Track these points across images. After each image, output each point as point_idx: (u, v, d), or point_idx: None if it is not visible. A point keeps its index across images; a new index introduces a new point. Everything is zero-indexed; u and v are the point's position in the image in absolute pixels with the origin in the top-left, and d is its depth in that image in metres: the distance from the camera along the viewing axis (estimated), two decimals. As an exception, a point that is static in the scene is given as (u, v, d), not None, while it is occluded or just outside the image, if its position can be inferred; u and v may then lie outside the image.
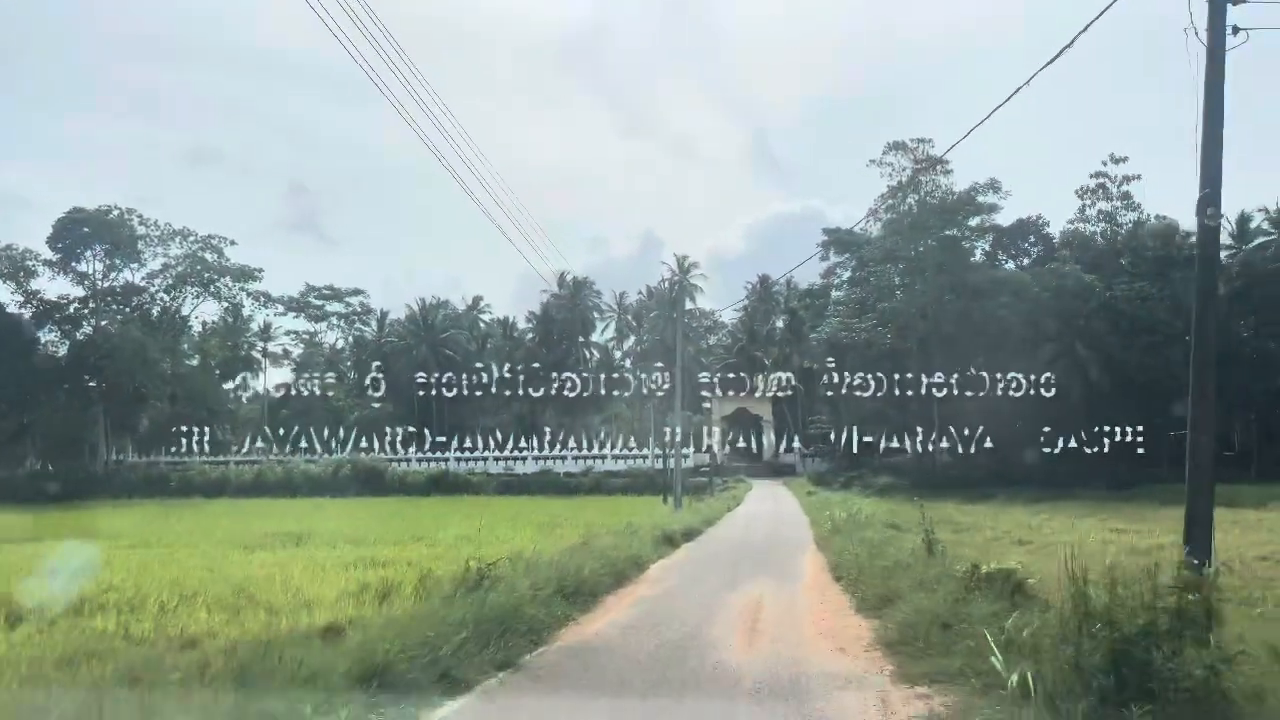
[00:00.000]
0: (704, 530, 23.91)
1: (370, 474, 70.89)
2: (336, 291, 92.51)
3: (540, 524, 32.70)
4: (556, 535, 27.20)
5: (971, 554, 22.10)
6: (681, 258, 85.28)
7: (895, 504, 42.27)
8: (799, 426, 75.53)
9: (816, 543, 20.01)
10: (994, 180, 64.61)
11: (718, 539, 22.16)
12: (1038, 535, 30.87)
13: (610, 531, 25.46)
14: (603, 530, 22.85)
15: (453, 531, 30.18)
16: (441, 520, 37.53)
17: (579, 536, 18.64)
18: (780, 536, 22.71)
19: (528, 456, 78.83)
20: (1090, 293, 59.28)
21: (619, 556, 14.90)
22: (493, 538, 26.38)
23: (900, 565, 12.32)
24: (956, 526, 31.62)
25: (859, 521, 19.87)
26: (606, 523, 32.14)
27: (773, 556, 17.90)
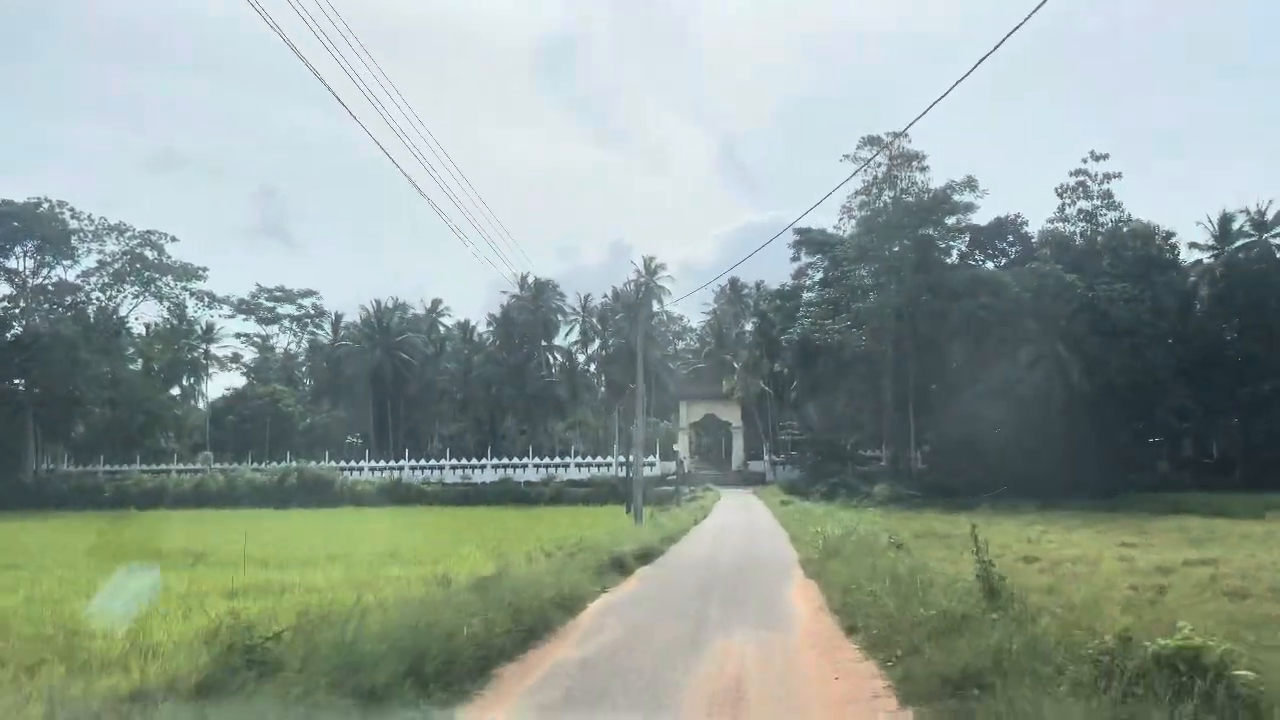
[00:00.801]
0: (665, 550, 19.59)
1: (318, 483, 65.94)
2: (288, 293, 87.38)
3: (485, 538, 28.80)
4: (494, 552, 23.46)
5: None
6: (649, 259, 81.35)
7: (877, 516, 38.23)
8: (769, 433, 71.39)
9: (803, 566, 15.78)
10: (970, 178, 61.16)
11: (680, 561, 17.77)
12: (1041, 550, 26.99)
13: (552, 551, 21.22)
14: (540, 551, 18.53)
15: (380, 547, 26.16)
16: (376, 534, 33.29)
17: (502, 561, 14.20)
18: (757, 557, 18.51)
19: (486, 465, 74.13)
20: (1071, 293, 55.76)
21: (541, 595, 10.48)
22: (420, 555, 21.91)
23: (951, 617, 8.01)
24: (947, 541, 27.71)
25: (862, 541, 15.53)
26: (558, 537, 28.44)
27: (751, 588, 13.58)
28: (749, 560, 18.21)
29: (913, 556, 15.63)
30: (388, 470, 73.72)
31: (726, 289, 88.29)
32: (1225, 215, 61.58)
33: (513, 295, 77.72)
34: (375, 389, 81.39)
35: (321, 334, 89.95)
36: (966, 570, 21.44)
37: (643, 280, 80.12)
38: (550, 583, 11.60)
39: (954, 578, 10.61)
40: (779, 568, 16.46)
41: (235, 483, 66.59)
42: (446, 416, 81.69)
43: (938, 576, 11.15)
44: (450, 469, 74.44)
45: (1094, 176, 61.55)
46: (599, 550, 15.91)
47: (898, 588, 10.02)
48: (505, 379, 75.53)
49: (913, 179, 60.66)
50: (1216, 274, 59.70)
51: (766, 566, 16.76)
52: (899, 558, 13.56)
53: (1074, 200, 62.02)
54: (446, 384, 78.22)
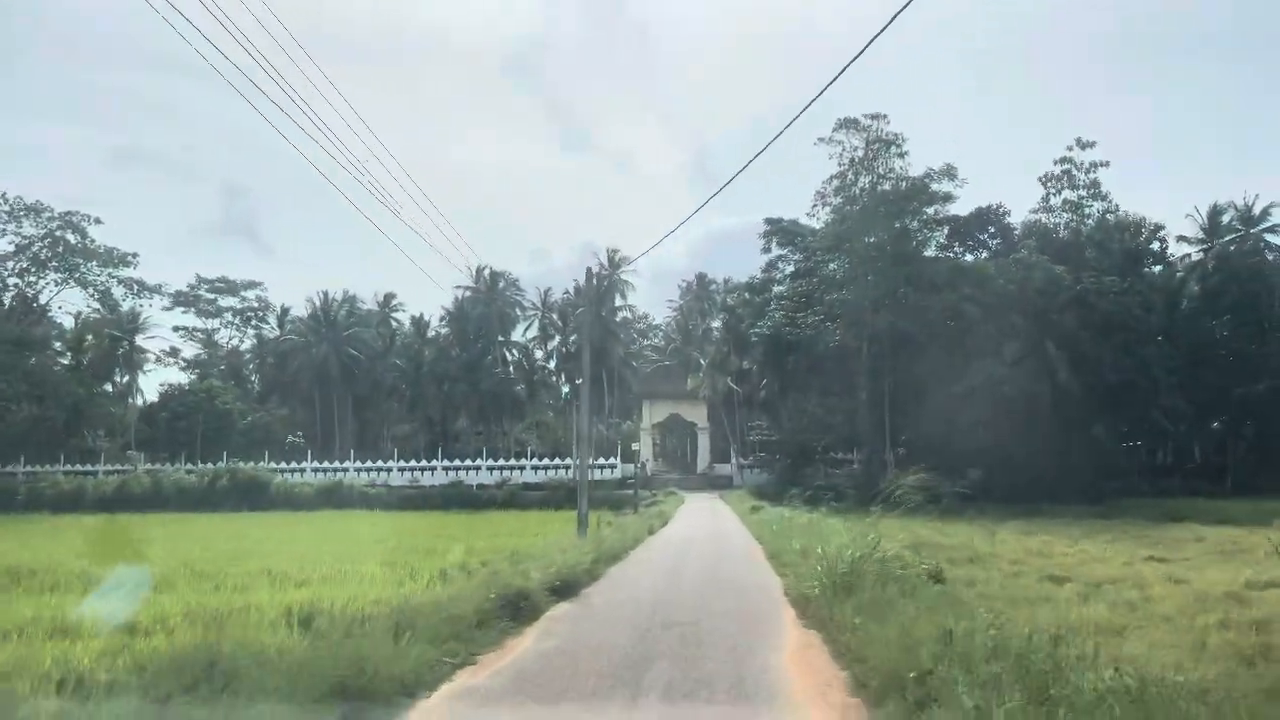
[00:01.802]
0: (601, 574, 14.39)
1: (252, 486, 60.50)
2: (230, 284, 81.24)
3: (405, 549, 24.21)
4: (402, 568, 18.30)
5: (1004, 602, 13.37)
6: (612, 251, 76.40)
7: (871, 524, 33.64)
8: (737, 434, 66.64)
9: (796, 605, 10.71)
10: (949, 166, 56.79)
11: (616, 595, 12.81)
12: (1060, 566, 22.58)
13: (474, 568, 16.45)
14: (436, 575, 13.72)
15: (267, 562, 21.39)
16: (283, 543, 28.14)
17: (401, 589, 9.19)
18: (726, 587, 13.23)
19: (436, 467, 68.77)
20: (1059, 285, 51.68)
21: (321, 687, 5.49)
22: (304, 573, 17.82)
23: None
24: (950, 555, 23.17)
25: (882, 567, 10.45)
26: (495, 547, 22.79)
27: (717, 651, 8.33)
28: (715, 591, 13.13)
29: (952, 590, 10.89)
30: (331, 472, 68.24)
31: (693, 284, 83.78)
32: (1215, 207, 58.03)
33: (467, 288, 72.51)
34: (321, 386, 75.70)
35: (267, 328, 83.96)
36: (993, 588, 16.80)
37: (605, 273, 75.17)
38: (382, 654, 6.64)
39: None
40: (759, 607, 11.38)
41: (161, 485, 60.79)
42: (398, 416, 76.12)
43: (1019, 630, 6.40)
44: (398, 471, 69.06)
45: (1080, 165, 57.52)
46: (499, 581, 10.90)
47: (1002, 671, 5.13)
48: (458, 376, 70.16)
49: (890, 165, 56.28)
50: (1208, 267, 55.98)
51: (741, 605, 11.73)
52: (949, 601, 8.84)
53: (1059, 190, 57.93)
54: (396, 381, 72.71)
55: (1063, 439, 53.42)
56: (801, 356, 57.16)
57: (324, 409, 76.85)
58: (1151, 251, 58.64)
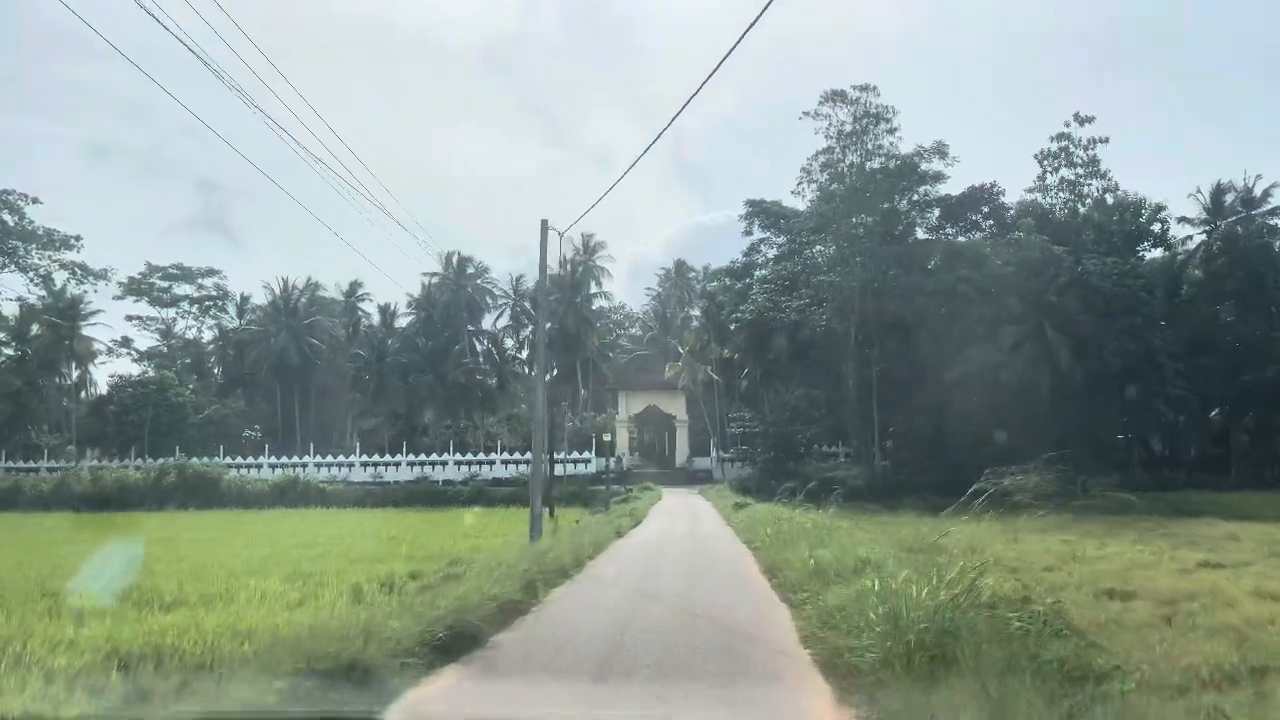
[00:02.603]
0: (532, 606, 10.11)
1: (201, 482, 56.10)
2: (185, 271, 76.34)
3: (331, 556, 19.91)
4: (309, 583, 15.06)
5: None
6: (587, 236, 72.19)
7: (863, 521, 29.89)
8: (717, 427, 62.70)
9: (831, 671, 6.87)
10: (940, 143, 53.04)
11: (540, 650, 8.51)
12: (1106, 574, 19.01)
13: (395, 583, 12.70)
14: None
15: (157, 578, 17.61)
16: (198, 546, 24.09)
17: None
18: (710, 626, 9.51)
19: (401, 462, 64.48)
20: (1059, 266, 48.10)
21: None
22: (181, 592, 14.25)
23: None
24: (978, 556, 19.20)
25: (994, 620, 6.45)
26: (436, 552, 19.88)
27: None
28: (691, 644, 8.83)
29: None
30: (289, 468, 63.87)
31: (671, 272, 79.83)
32: (1219, 186, 54.56)
33: (434, 274, 68.16)
34: (281, 378, 71.19)
35: (227, 318, 79.24)
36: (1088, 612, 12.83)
37: (580, 259, 71.07)
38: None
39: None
40: (766, 673, 7.21)
41: (103, 482, 56.14)
42: (363, 409, 71.68)
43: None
44: (360, 466, 64.73)
45: (1078, 142, 53.99)
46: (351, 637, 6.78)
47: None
48: (423, 366, 65.78)
49: (879, 143, 52.47)
50: (1213, 249, 52.55)
51: (735, 666, 7.48)
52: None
53: (1055, 168, 54.41)
54: (359, 372, 68.28)
55: (1061, 429, 49.90)
56: (785, 343, 53.34)
57: (284, 402, 72.38)
58: (1152, 233, 55.24)
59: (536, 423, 20.43)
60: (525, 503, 50.24)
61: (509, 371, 70.01)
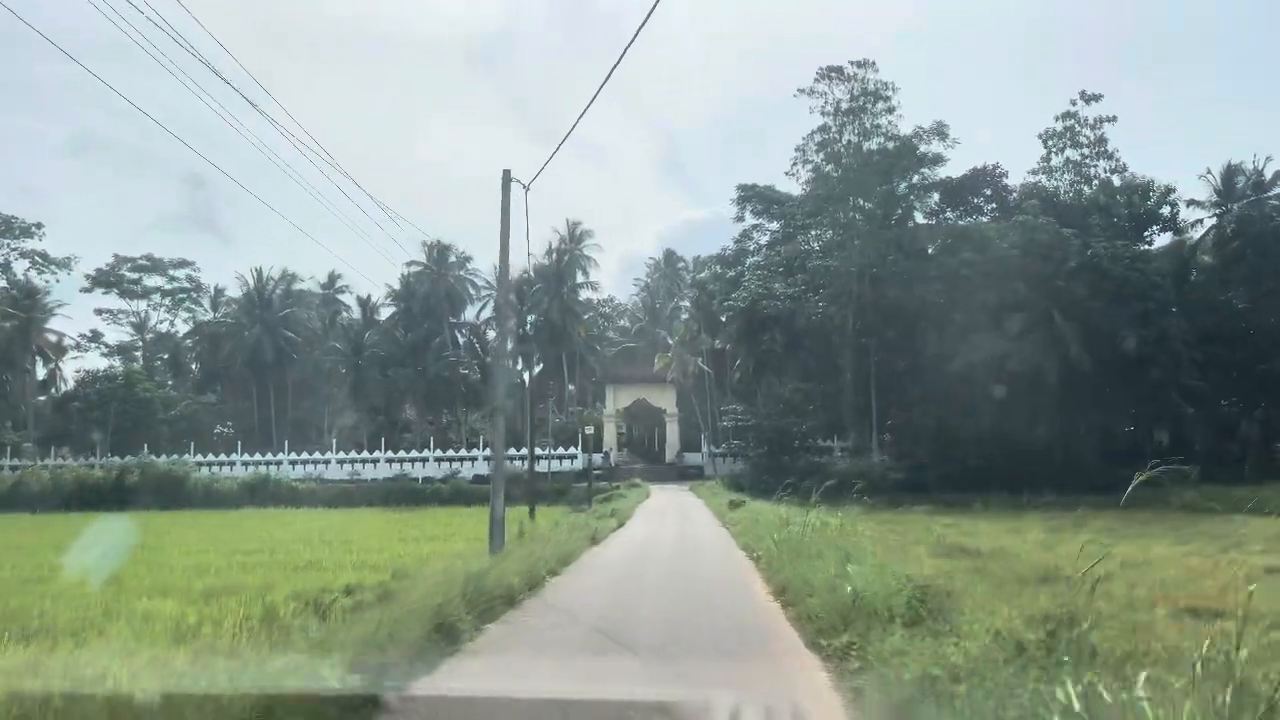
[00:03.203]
0: (442, 664, 6.98)
1: (166, 481, 52.74)
2: (156, 262, 72.97)
3: (270, 563, 17.41)
4: (203, 600, 12.44)
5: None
6: (574, 224, 69.12)
7: (869, 519, 27.01)
8: (708, 421, 59.73)
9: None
10: (940, 124, 50.25)
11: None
12: (1167, 583, 15.88)
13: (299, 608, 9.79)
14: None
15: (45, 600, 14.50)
16: (130, 556, 21.06)
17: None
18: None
19: (379, 459, 61.38)
20: (1067, 249, 45.28)
21: None
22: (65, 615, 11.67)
23: None
24: (1011, 570, 16.39)
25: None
26: (382, 561, 17.12)
27: None
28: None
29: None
30: (262, 465, 60.80)
31: (660, 263, 76.87)
32: (1231, 167, 51.79)
33: (415, 264, 64.95)
34: (255, 373, 67.97)
35: (201, 311, 75.87)
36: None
37: (566, 247, 68.00)
38: None
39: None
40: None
41: (62, 481, 52.82)
42: (341, 404, 68.53)
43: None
44: (336, 463, 61.61)
45: (1084, 121, 51.25)
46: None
47: None
48: (402, 359, 62.69)
49: (878, 122, 49.61)
50: (1227, 231, 49.81)
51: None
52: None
53: (1060, 149, 51.68)
54: (335, 365, 65.17)
55: (1070, 421, 47.18)
56: (779, 332, 50.43)
57: (261, 397, 69.18)
58: (1161, 216, 52.47)
59: (498, 411, 17.47)
60: (506, 501, 47.58)
61: (491, 365, 66.83)
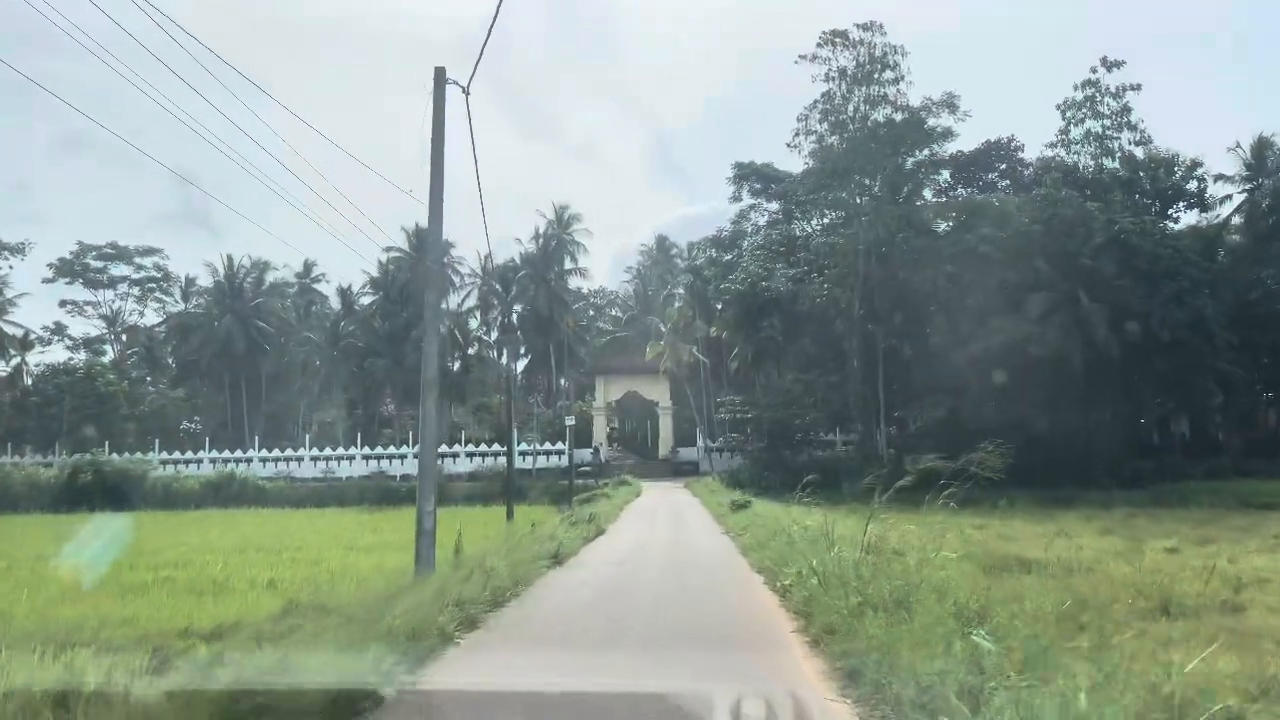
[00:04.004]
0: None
1: (123, 481, 48.70)
2: (122, 250, 68.68)
3: (171, 582, 15.05)
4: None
5: None
6: (561, 208, 65.02)
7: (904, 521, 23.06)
8: (704, 414, 55.70)
9: None
10: (950, 96, 46.09)
11: None
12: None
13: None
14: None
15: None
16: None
17: None
18: None
19: (355, 455, 57.32)
20: (1093, 225, 41.29)
21: None
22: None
23: None
24: (1088, 586, 12.64)
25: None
26: (313, 572, 15.09)
27: None
28: None
29: None
30: (232, 463, 56.83)
31: (652, 249, 72.82)
32: (1261, 140, 47.83)
33: (394, 249, 60.81)
34: (226, 365, 63.82)
35: (171, 301, 71.64)
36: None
37: (554, 231, 63.92)
38: None
39: None
40: None
41: (10, 482, 48.80)
42: (317, 399, 64.38)
43: None
44: (310, 461, 57.54)
45: (1106, 90, 47.21)
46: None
47: None
48: (380, 350, 58.56)
49: (884, 91, 45.52)
50: (1262, 207, 45.90)
51: None
52: None
53: (1080, 120, 47.59)
54: (309, 357, 61.09)
55: (1093, 410, 43.31)
56: (780, 317, 46.44)
57: (233, 391, 65.00)
58: (1187, 192, 48.56)
59: (426, 381, 13.44)
60: (487, 500, 43.35)
61: (473, 356, 62.86)
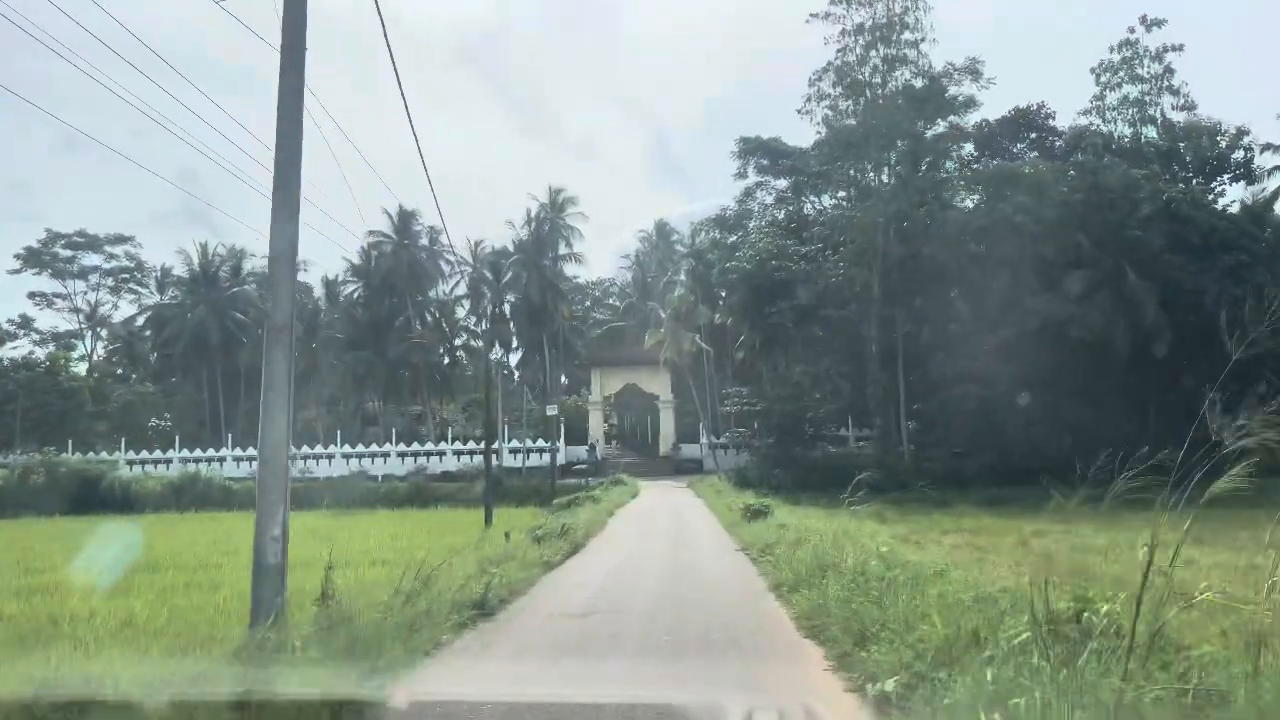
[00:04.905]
0: None
1: (78, 482, 44.55)
2: (91, 239, 64.36)
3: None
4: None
5: None
6: (555, 190, 60.65)
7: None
8: (707, 407, 51.23)
9: None
10: (973, 61, 41.63)
11: None
12: None
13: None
14: None
15: None
16: None
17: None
18: None
19: (335, 454, 52.97)
20: (1139, 194, 36.81)
21: None
22: None
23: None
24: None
25: None
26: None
27: None
28: None
29: None
30: (203, 462, 52.69)
31: (651, 234, 68.42)
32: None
33: (375, 233, 56.43)
34: (201, 358, 59.53)
35: (146, 293, 67.31)
36: None
37: (547, 215, 59.51)
38: None
39: None
40: None
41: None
42: (298, 394, 60.08)
43: None
44: (288, 460, 53.09)
45: (1145, 51, 42.78)
46: None
47: None
48: (361, 341, 54.24)
49: (904, 53, 41.10)
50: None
51: None
52: None
53: (1117, 84, 43.18)
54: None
55: (1141, 399, 38.82)
56: (790, 302, 41.95)
57: (210, 386, 60.72)
58: (1233, 162, 44.08)
59: (274, 385, 8.97)
60: (474, 502, 38.84)
61: (460, 347, 58.54)
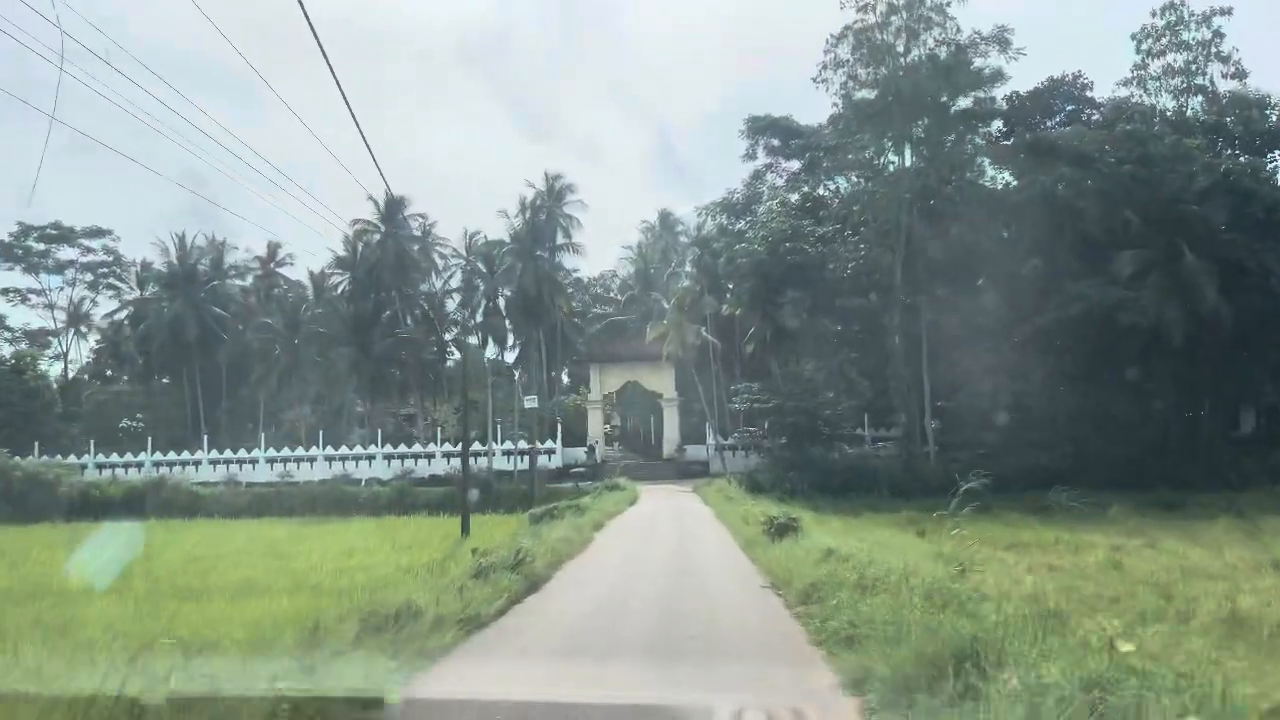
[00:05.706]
0: None
1: (30, 488, 40.86)
2: (65, 231, 60.67)
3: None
4: None
5: None
6: (553, 177, 56.84)
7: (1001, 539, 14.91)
8: (714, 406, 47.24)
9: None
10: (1001, 30, 37.66)
11: None
12: None
13: None
14: None
15: None
16: None
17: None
18: None
19: (317, 457, 49.16)
20: (1194, 166, 32.88)
21: None
22: None
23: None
24: None
25: None
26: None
27: None
28: None
29: None
30: (176, 465, 49.01)
31: (654, 225, 64.62)
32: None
33: (360, 222, 52.62)
34: (178, 356, 55.87)
35: (125, 288, 63.57)
36: None
37: (545, 203, 55.75)
38: None
39: None
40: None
41: (-106, 490, 40.83)
42: (279, 393, 56.25)
43: None
44: (266, 463, 49.40)
45: (1191, 16, 38.91)
46: None
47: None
48: (345, 337, 50.44)
49: (929, 15, 37.23)
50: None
51: None
52: None
53: (1160, 52, 39.27)
54: (267, 345, 53.05)
55: (1194, 391, 34.93)
56: (804, 289, 38.06)
57: (189, 384, 57.02)
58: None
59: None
60: (458, 508, 35.10)
61: (449, 343, 54.75)
